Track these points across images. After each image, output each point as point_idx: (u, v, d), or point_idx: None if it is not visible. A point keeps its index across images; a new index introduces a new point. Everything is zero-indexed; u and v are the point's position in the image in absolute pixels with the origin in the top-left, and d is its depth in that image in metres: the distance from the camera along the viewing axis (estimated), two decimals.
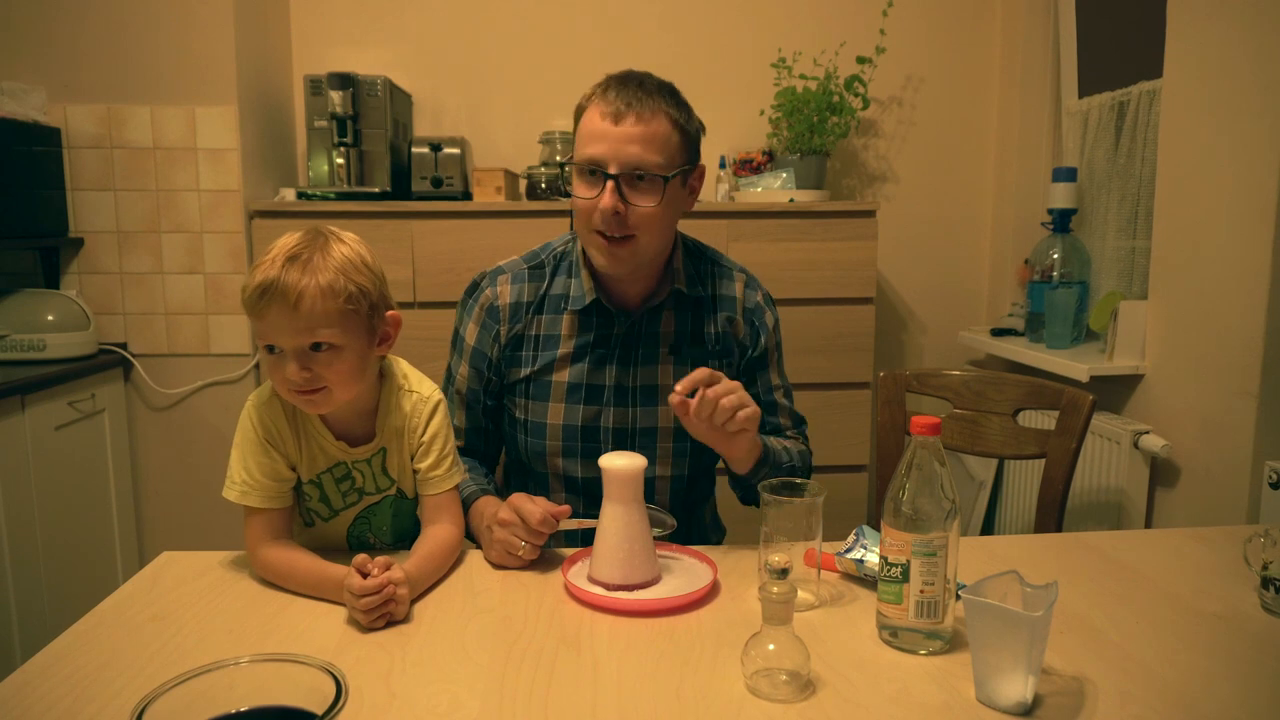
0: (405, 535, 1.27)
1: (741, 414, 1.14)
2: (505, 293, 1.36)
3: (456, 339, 1.40)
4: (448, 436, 1.22)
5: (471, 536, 1.28)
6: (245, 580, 1.12)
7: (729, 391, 1.13)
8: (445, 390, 1.41)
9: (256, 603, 1.06)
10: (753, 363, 1.41)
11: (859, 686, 0.88)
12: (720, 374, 1.15)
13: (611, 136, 1.20)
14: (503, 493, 1.45)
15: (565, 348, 1.34)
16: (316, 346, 1.06)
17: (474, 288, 1.39)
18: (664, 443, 1.36)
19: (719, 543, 1.50)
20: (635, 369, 1.35)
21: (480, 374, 1.38)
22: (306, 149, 2.58)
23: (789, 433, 1.45)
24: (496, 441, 1.46)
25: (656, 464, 1.36)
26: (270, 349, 1.07)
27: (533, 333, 1.35)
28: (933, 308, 3.04)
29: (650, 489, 1.36)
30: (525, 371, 1.35)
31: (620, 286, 1.33)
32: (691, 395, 1.13)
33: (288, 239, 1.08)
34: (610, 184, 1.20)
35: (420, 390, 1.21)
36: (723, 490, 1.53)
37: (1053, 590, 0.84)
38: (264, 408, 1.14)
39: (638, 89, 1.22)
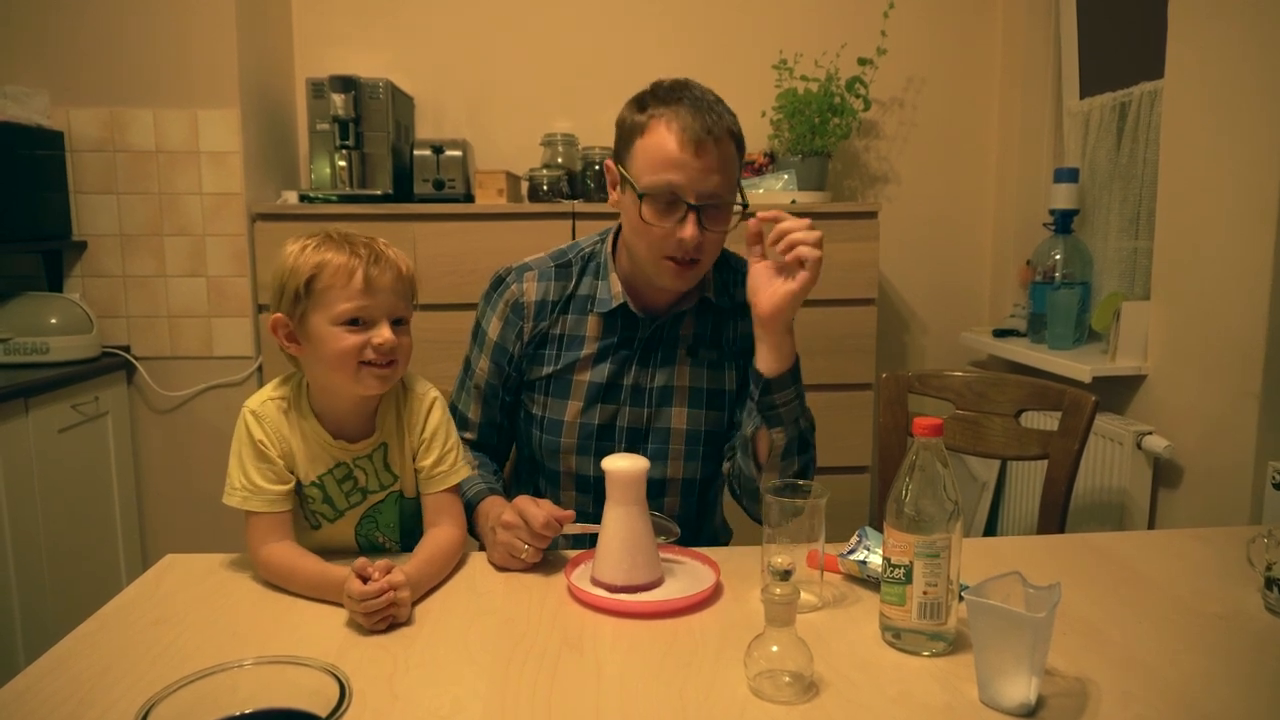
0: (413, 534, 1.27)
1: (803, 247, 1.13)
2: (531, 290, 1.35)
3: (478, 333, 1.40)
4: (448, 432, 1.22)
5: (476, 535, 1.28)
6: (248, 583, 1.12)
7: (801, 227, 1.14)
8: (463, 383, 1.42)
9: (259, 605, 1.06)
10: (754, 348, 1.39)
11: (862, 688, 0.88)
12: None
13: (692, 167, 1.18)
14: (510, 490, 1.45)
15: (589, 349, 1.34)
16: (398, 321, 1.14)
17: (499, 282, 1.38)
18: (677, 444, 1.36)
19: (726, 543, 1.50)
20: (654, 370, 1.35)
21: (501, 369, 1.37)
22: (308, 152, 2.59)
23: None
24: (509, 438, 1.46)
25: (669, 465, 1.36)
26: (354, 322, 1.10)
27: (557, 332, 1.35)
28: (935, 309, 3.04)
29: (662, 490, 1.36)
30: (547, 370, 1.35)
31: (651, 293, 1.32)
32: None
33: (321, 236, 1.12)
34: (692, 215, 1.19)
35: (415, 388, 1.22)
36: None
37: (1055, 591, 0.84)
38: (261, 413, 1.15)
39: (709, 112, 1.19)
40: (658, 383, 1.34)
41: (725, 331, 1.38)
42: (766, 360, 1.20)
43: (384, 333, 1.11)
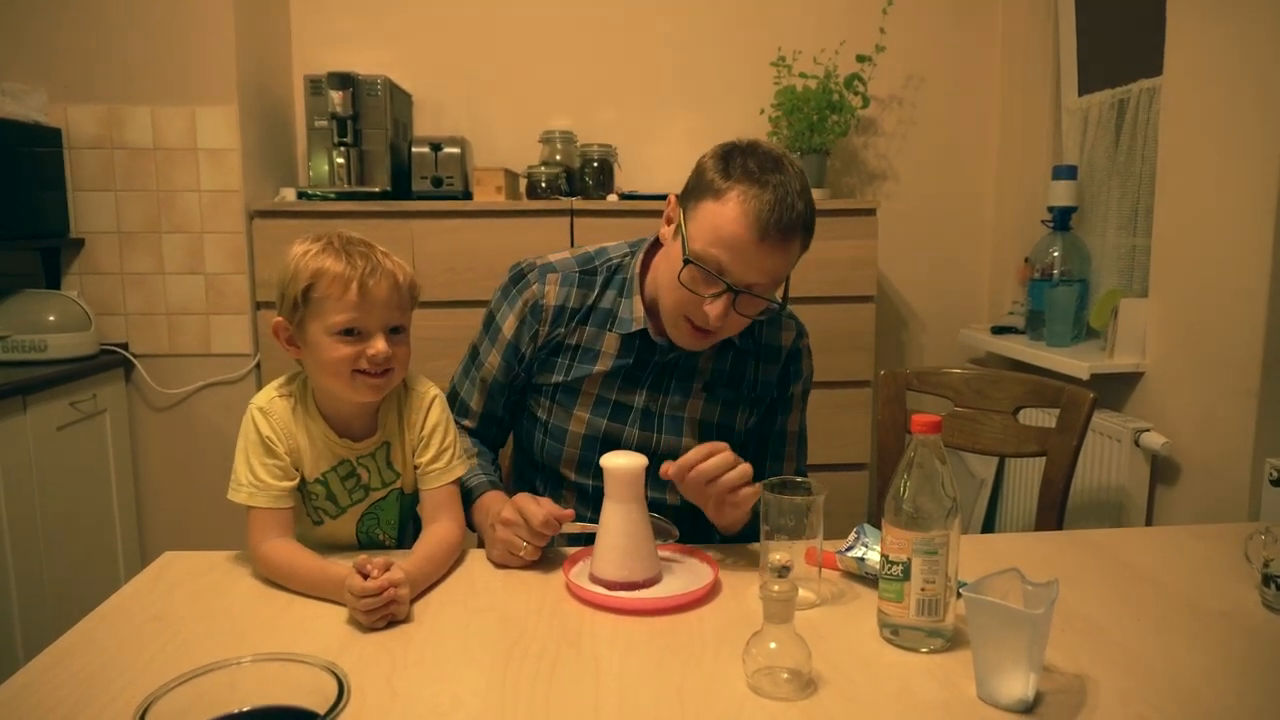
0: (414, 531, 1.28)
1: (743, 492, 1.12)
2: (552, 293, 1.32)
3: (491, 325, 1.37)
4: (447, 430, 1.22)
5: (474, 528, 1.28)
6: (247, 580, 1.12)
7: (729, 467, 1.11)
8: (467, 371, 1.40)
9: (258, 602, 1.06)
10: (775, 403, 1.40)
11: (860, 685, 0.88)
12: (723, 446, 1.12)
13: (747, 255, 1.14)
14: (508, 485, 1.44)
15: (603, 364, 1.31)
16: (395, 330, 1.13)
17: (519, 277, 1.34)
18: None
19: (724, 540, 1.49)
20: (666, 397, 1.33)
21: (510, 367, 1.35)
22: (307, 149, 2.58)
23: None
24: (507, 430, 1.45)
25: (668, 492, 1.33)
26: (349, 332, 1.10)
27: (572, 342, 1.32)
28: (933, 306, 3.04)
29: (661, 509, 1.35)
30: (556, 379, 1.33)
31: None
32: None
33: (323, 242, 1.11)
34: (726, 296, 1.16)
35: (416, 387, 1.23)
36: None
37: (1053, 588, 0.84)
38: (269, 409, 1.16)
39: (790, 208, 1.14)
40: (669, 411, 1.33)
41: (745, 373, 1.36)
42: (725, 530, 1.24)
43: (378, 344, 1.10)
